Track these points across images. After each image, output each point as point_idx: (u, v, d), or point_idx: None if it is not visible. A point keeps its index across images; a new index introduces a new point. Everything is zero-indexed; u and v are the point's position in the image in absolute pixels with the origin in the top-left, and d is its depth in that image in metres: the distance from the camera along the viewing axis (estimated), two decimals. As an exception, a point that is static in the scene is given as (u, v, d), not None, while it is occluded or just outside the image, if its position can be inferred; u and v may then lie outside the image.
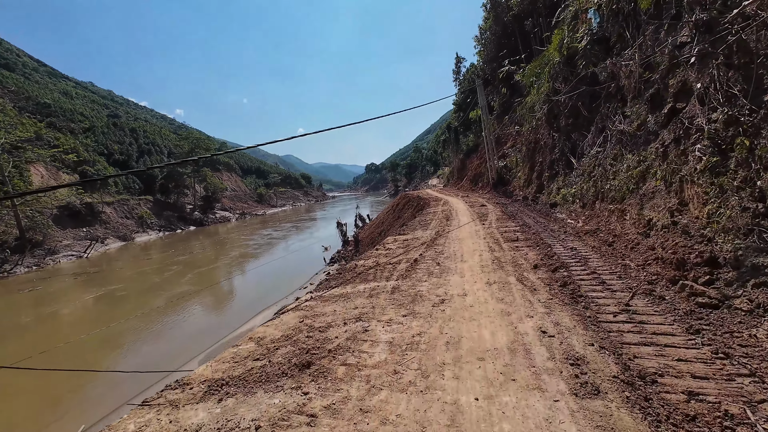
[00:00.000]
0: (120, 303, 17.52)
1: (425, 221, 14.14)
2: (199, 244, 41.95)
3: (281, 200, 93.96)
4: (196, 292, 17.59)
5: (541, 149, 16.44)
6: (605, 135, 10.46)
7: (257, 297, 15.54)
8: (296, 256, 27.67)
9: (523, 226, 10.58)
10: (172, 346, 11.09)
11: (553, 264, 6.07)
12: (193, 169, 75.59)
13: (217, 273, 23.47)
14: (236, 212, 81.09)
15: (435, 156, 76.99)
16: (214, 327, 12.44)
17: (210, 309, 15.30)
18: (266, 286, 17.52)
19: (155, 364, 9.25)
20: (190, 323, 13.21)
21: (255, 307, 13.67)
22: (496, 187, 23.26)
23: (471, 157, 38.05)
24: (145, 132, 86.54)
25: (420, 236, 10.72)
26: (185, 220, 69.21)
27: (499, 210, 14.92)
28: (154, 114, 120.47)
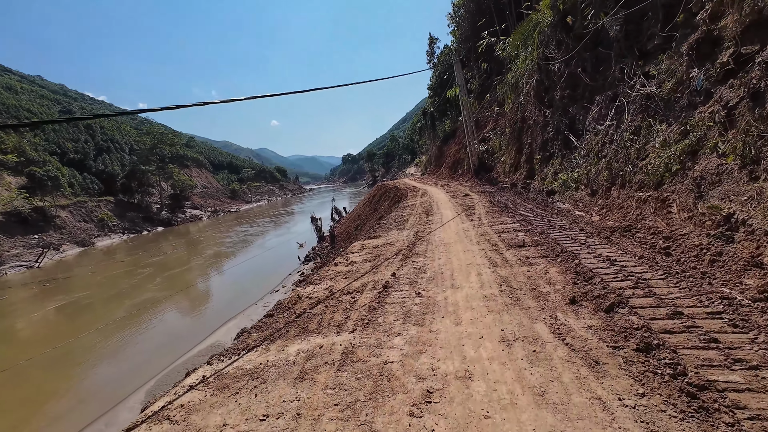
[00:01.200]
0: (74, 316, 15.63)
1: (402, 217, 11.70)
2: (167, 245, 38.45)
3: (256, 195, 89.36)
4: (162, 298, 15.98)
5: (530, 129, 14.22)
6: (619, 104, 8.24)
7: (225, 303, 14.22)
8: (271, 253, 25.50)
9: (523, 221, 8.28)
10: (124, 369, 9.95)
11: (598, 293, 3.75)
12: (158, 166, 70.07)
13: (187, 276, 20.70)
14: (208, 210, 76.29)
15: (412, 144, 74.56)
16: (175, 341, 11.14)
17: (174, 319, 13.71)
18: (236, 291, 15.99)
19: (99, 394, 8.53)
20: (151, 337, 11.92)
21: (222, 315, 12.47)
22: (477, 174, 21.07)
23: (449, 144, 35.80)
24: (103, 128, 79.51)
25: (394, 240, 8.28)
26: (152, 221, 64.29)
27: (486, 200, 12.66)
28: (113, 109, 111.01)
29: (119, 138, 79.00)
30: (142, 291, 18.10)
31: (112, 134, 79.14)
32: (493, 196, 13.48)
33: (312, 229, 30.53)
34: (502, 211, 9.98)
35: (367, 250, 7.64)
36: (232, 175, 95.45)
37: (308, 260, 20.54)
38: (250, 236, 37.71)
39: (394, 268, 5.95)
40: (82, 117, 76.36)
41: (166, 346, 10.89)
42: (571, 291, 3.96)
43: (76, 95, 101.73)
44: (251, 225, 50.10)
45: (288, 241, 29.25)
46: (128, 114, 3.32)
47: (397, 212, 13.20)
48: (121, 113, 3.90)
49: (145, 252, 33.82)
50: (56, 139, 75.04)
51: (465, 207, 11.85)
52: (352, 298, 4.83)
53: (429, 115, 38.77)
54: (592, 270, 4.44)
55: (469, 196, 14.37)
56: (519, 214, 9.30)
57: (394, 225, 10.47)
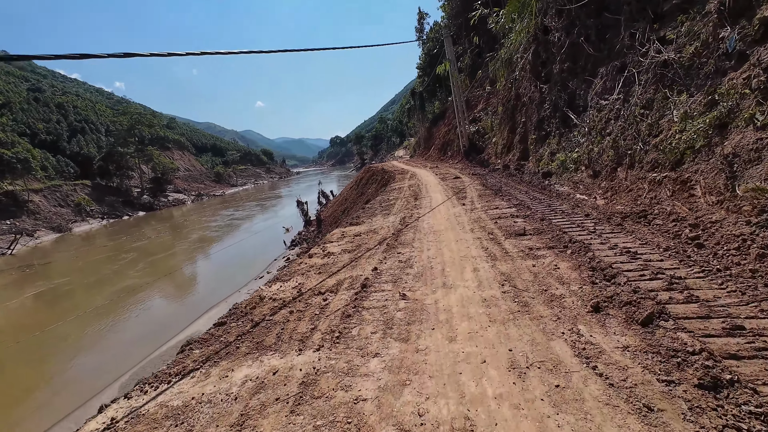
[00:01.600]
0: (52, 303, 14.99)
1: (388, 201, 10.80)
2: (150, 230, 36.95)
3: (241, 179, 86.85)
4: (144, 285, 15.39)
5: (524, 107, 13.29)
6: (628, 75, 7.37)
7: (209, 290, 13.70)
8: (257, 238, 24.50)
9: (520, 206, 7.48)
10: (101, 361, 9.51)
11: (627, 298, 2.96)
12: (137, 148, 66.95)
13: (170, 262, 19.73)
14: (191, 194, 73.85)
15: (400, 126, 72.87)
16: (155, 331, 10.67)
17: (155, 307, 13.15)
18: (220, 277, 15.46)
19: (75, 386, 8.13)
20: (130, 326, 11.41)
21: (204, 303, 11.94)
22: (468, 156, 20.17)
23: (438, 125, 34.66)
24: (76, 108, 75.17)
25: (378, 227, 7.39)
26: (132, 205, 61.89)
27: (478, 183, 11.83)
28: (87, 87, 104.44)
29: (94, 118, 74.85)
30: (124, 277, 17.29)
31: (87, 114, 74.92)
32: (485, 179, 12.65)
33: (299, 213, 29.75)
34: (496, 195, 9.17)
35: (347, 239, 6.74)
36: (216, 157, 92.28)
37: (294, 245, 19.57)
38: (235, 220, 36.22)
39: (375, 262, 5.08)
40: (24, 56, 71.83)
41: (145, 336, 10.37)
42: (591, 294, 3.17)
43: (46, 72, 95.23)
44: (237, 209, 48.68)
45: (274, 225, 28.05)
46: (103, 57, 2.28)
47: (384, 196, 12.28)
48: (97, 56, 2.85)
49: (126, 237, 32.26)
50: (25, 119, 70.71)
51: (456, 190, 11.00)
52: (323, 300, 3.96)
53: (418, 95, 37.33)
54: (611, 265, 3.65)
55: (459, 179, 13.52)
56: (515, 198, 8.49)
57: (379, 210, 9.56)
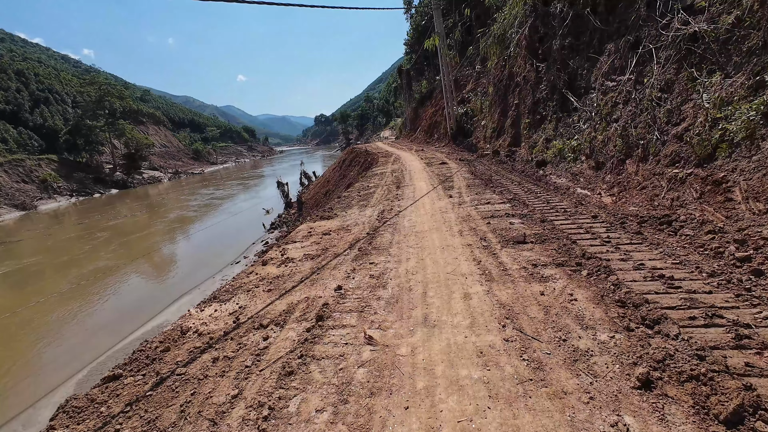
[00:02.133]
0: (15, 287, 14.00)
1: (367, 189, 9.65)
2: (123, 209, 34.78)
3: (222, 157, 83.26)
4: (115, 267, 14.47)
5: (518, 88, 12.14)
6: (643, 51, 6.31)
7: (182, 275, 12.97)
8: (236, 219, 23.42)
9: (514, 201, 6.48)
10: (61, 351, 8.65)
11: (689, 367, 2.01)
12: (107, 121, 62.60)
13: (144, 243, 18.51)
14: (168, 171, 70.45)
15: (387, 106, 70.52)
16: (121, 319, 9.84)
17: (124, 292, 12.22)
18: (195, 261, 14.64)
19: (28, 381, 7.42)
20: (95, 312, 10.57)
21: (176, 289, 11.29)
22: (455, 139, 19.03)
23: (425, 106, 33.14)
24: (38, 75, 69.20)
25: (352, 223, 6.29)
26: (104, 183, 58.51)
27: (465, 170, 10.78)
28: (51, 54, 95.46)
29: (59, 88, 69.26)
30: (94, 259, 16.21)
31: (50, 83, 69.20)
32: (474, 166, 11.62)
33: (279, 194, 28.77)
34: (486, 186, 8.15)
35: (314, 239, 5.62)
36: (195, 134, 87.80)
37: (274, 228, 18.75)
38: (215, 200, 34.56)
39: (341, 276, 4.01)
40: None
41: (110, 325, 9.57)
42: (630, 350, 2.21)
43: (2, 35, 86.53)
44: (217, 188, 46.67)
45: (255, 206, 26.87)
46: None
47: (363, 182, 11.10)
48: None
49: (98, 216, 30.48)
50: (-21, 86, 64.85)
51: (442, 178, 9.93)
52: (263, 338, 2.89)
53: (405, 73, 35.44)
54: (646, 299, 2.70)
55: (446, 164, 12.44)
56: (508, 190, 7.50)
57: (356, 199, 8.42)
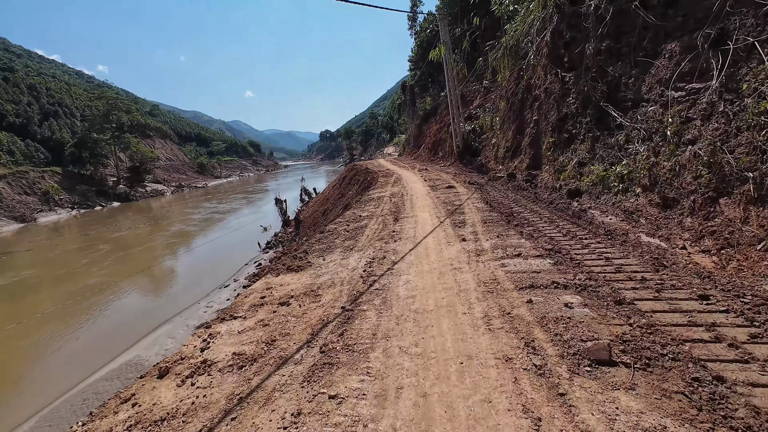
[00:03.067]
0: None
1: (358, 221, 7.77)
2: (123, 223, 33.29)
3: (226, 171, 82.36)
4: (98, 288, 13.52)
5: (537, 102, 10.32)
6: (735, 46, 4.45)
7: (166, 298, 12.24)
8: (232, 237, 22.46)
9: (555, 253, 4.44)
10: (17, 389, 7.76)
11: None
12: (113, 134, 62.12)
13: (134, 262, 17.41)
14: (172, 185, 69.39)
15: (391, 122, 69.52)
16: (89, 351, 8.99)
17: (105, 315, 11.34)
18: (182, 282, 14.08)
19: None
20: (66, 341, 9.70)
21: (157, 315, 10.48)
22: (462, 158, 17.20)
23: (429, 122, 31.61)
24: (49, 90, 69.30)
25: (326, 283, 4.32)
26: (107, 195, 57.43)
27: (477, 197, 8.87)
28: (66, 70, 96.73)
29: (69, 102, 69.24)
30: (87, 275, 15.41)
31: (61, 97, 69.25)
32: (487, 191, 9.71)
33: (277, 211, 27.47)
34: (509, 222, 6.21)
35: (264, 313, 3.68)
36: (201, 148, 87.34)
37: (269, 247, 17.39)
38: (216, 214, 33.85)
39: (275, 427, 2.07)
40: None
41: (76, 358, 8.66)
42: None
43: (21, 52, 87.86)
44: (219, 202, 45.46)
45: (254, 222, 25.74)
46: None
47: (356, 210, 9.21)
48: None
49: (98, 229, 29.51)
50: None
51: (450, 207, 8.01)
52: None
53: (409, 89, 34.10)
54: None
55: (453, 189, 10.55)
56: (539, 231, 5.54)
57: (341, 237, 6.51)
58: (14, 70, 74.25)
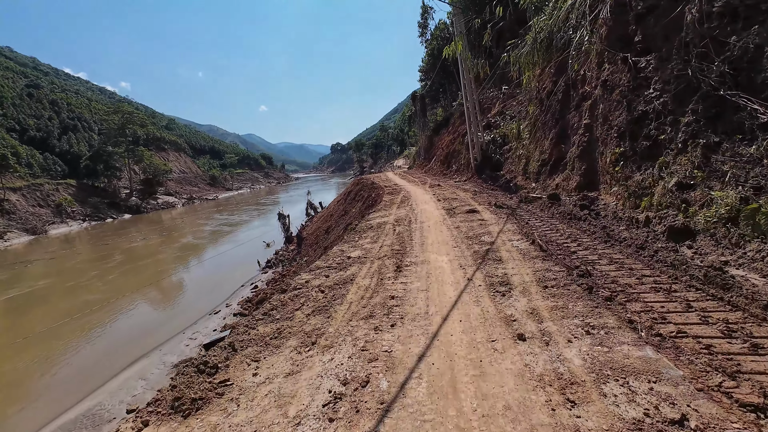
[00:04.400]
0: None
1: (344, 269, 5.11)
2: (132, 236, 32.17)
3: (238, 183, 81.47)
4: (100, 303, 13.13)
5: (587, 101, 7.62)
6: None
7: (150, 325, 11.18)
8: (235, 252, 21.63)
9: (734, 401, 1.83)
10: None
11: None
12: (127, 147, 61.91)
13: (129, 281, 16.74)
14: (183, 197, 68.55)
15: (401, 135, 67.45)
16: (60, 388, 7.81)
17: (88, 340, 10.48)
18: (171, 306, 13.12)
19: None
20: (39, 375, 8.61)
21: (139, 345, 9.32)
22: (480, 172, 14.49)
23: (440, 134, 29.11)
24: (70, 105, 70.02)
25: (295, 397, 1.78)
26: (118, 207, 56.75)
27: (515, 232, 6.12)
28: (90, 86, 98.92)
29: (88, 116, 69.72)
30: (88, 290, 14.99)
31: (81, 112, 69.85)
32: (523, 219, 6.99)
33: (280, 227, 24.76)
34: (588, 289, 3.50)
35: None
36: (214, 160, 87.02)
37: (269, 266, 16.16)
38: (224, 227, 33.23)
39: None
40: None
41: (39, 399, 7.69)
42: None
43: (48, 70, 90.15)
44: (229, 214, 44.61)
45: (259, 236, 24.69)
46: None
47: (346, 245, 6.57)
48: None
49: (109, 241, 28.93)
50: (16, 114, 66.00)
51: (478, 248, 5.33)
52: None
53: (419, 99, 31.77)
54: None
55: (477, 214, 7.86)
56: (661, 317, 2.86)
57: (306, 311, 3.86)
58: (40, 86, 75.67)
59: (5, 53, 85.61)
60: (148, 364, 8.42)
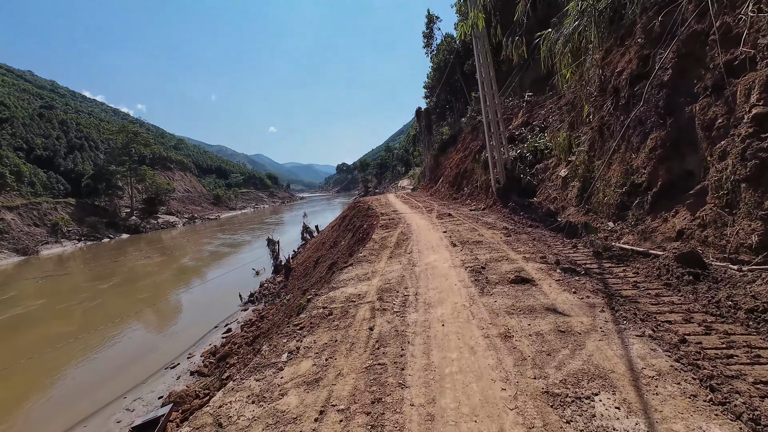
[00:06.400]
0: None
1: None
2: (126, 258, 30.08)
3: (242, 202, 78.72)
4: (66, 338, 11.52)
5: (748, 76, 3.86)
6: None
7: (101, 376, 9.23)
8: (221, 281, 19.47)
9: None
10: None
11: None
12: (130, 167, 60.00)
13: (118, 305, 15.85)
14: (184, 216, 65.69)
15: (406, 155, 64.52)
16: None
17: (27, 391, 8.82)
18: (135, 348, 11.04)
19: None
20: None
21: (73, 410, 7.71)
22: (505, 198, 10.61)
23: (447, 152, 25.54)
24: (79, 125, 68.98)
25: None
26: (116, 227, 54.01)
27: (654, 359, 2.34)
28: (104, 108, 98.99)
29: (96, 136, 68.44)
30: (63, 321, 14.00)
31: (89, 131, 68.68)
32: (625, 298, 3.14)
33: (286, 243, 23.63)
34: None
35: None
36: (220, 180, 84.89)
37: (252, 301, 14.26)
38: (223, 247, 31.49)
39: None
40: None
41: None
42: None
43: (65, 92, 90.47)
44: (232, 234, 42.63)
45: (252, 261, 22.59)
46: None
47: (267, 368, 2.76)
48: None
49: (99, 263, 27.33)
50: (24, 134, 65.05)
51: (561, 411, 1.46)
52: None
53: (425, 114, 28.44)
54: None
55: (532, 287, 3.99)
56: None
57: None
58: (53, 107, 75.25)
59: (26, 77, 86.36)
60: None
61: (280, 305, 11.62)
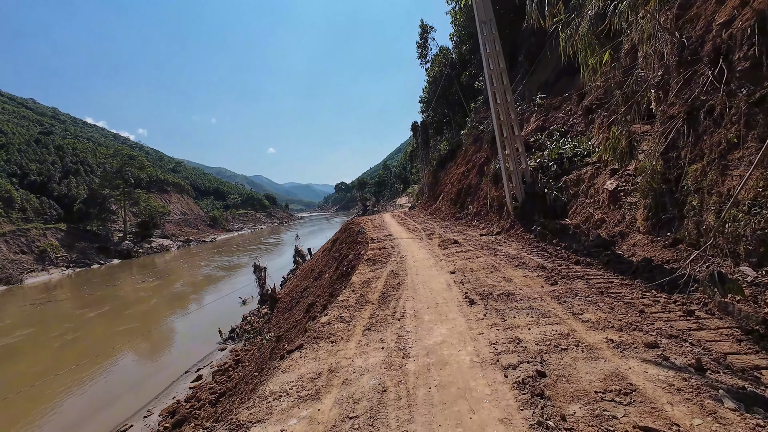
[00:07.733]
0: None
1: None
2: (114, 286, 28.05)
3: (239, 223, 76.32)
4: (34, 379, 11.06)
5: None
6: None
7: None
8: (206, 310, 18.28)
9: None
10: None
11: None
12: (124, 190, 57.94)
13: (95, 340, 14.59)
14: (179, 239, 63.06)
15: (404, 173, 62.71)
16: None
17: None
18: (70, 419, 9.36)
19: None
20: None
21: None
22: (525, 219, 8.15)
23: (446, 168, 23.33)
24: (75, 149, 67.55)
25: None
26: (108, 252, 51.31)
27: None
28: (105, 133, 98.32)
29: (91, 160, 66.89)
30: (38, 355, 12.99)
31: (85, 156, 67.14)
32: None
33: (277, 269, 22.78)
34: None
35: None
36: (217, 201, 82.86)
37: (232, 337, 13.10)
38: (217, 271, 29.80)
39: None
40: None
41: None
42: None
43: (66, 118, 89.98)
44: (227, 257, 40.27)
45: (242, 287, 21.17)
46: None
47: None
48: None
49: (86, 291, 26.08)
50: (20, 159, 63.57)
51: None
52: None
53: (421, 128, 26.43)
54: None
55: (652, 414, 1.54)
56: None
57: None
58: (51, 133, 74.25)
59: (27, 104, 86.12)
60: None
61: (258, 346, 10.55)
